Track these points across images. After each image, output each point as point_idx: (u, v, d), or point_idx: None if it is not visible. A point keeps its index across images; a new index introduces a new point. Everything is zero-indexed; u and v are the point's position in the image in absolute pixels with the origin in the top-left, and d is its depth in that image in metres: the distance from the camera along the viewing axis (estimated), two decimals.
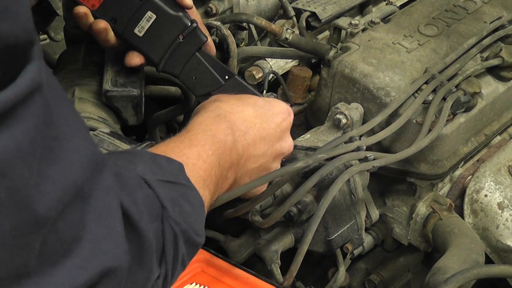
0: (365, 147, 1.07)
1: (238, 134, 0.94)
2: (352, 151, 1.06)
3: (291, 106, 1.36)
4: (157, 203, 0.73)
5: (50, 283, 0.57)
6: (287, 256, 1.07)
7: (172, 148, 0.85)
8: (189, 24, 1.11)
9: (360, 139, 1.10)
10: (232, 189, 0.96)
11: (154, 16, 1.09)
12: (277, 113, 1.01)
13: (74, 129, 0.61)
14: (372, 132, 1.14)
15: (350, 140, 1.08)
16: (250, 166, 0.97)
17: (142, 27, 1.10)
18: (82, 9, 1.10)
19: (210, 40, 1.19)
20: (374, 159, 1.07)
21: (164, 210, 0.73)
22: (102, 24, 1.10)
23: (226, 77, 1.15)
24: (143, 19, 1.09)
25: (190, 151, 0.86)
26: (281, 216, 1.02)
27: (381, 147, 1.21)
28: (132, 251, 0.67)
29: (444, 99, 1.19)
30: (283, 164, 1.04)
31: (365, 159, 1.07)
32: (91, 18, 1.12)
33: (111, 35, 1.12)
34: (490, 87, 1.30)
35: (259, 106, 1.00)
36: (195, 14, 1.17)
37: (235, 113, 0.96)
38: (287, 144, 1.03)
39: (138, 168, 0.75)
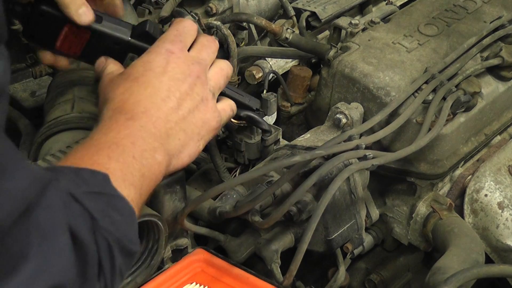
0: (364, 146, 1.07)
1: (140, 114, 0.90)
2: (351, 149, 1.06)
3: (291, 106, 1.36)
4: (86, 215, 0.72)
5: None
6: (287, 256, 1.07)
7: (80, 158, 0.82)
8: None
9: (360, 137, 1.10)
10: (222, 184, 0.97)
11: (136, 55, 1.04)
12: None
13: (14, 153, 0.60)
14: (371, 131, 1.14)
15: (349, 138, 1.08)
16: (186, 126, 0.94)
17: (128, 64, 1.05)
18: (63, 62, 1.05)
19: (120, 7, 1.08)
20: (373, 158, 1.07)
21: (95, 221, 0.72)
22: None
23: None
24: (126, 59, 1.06)
25: (99, 156, 0.82)
26: (281, 216, 1.02)
27: (381, 147, 1.21)
28: (78, 266, 0.66)
29: (444, 98, 1.19)
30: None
31: (364, 158, 1.06)
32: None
33: None
34: (490, 87, 1.30)
35: (160, 66, 0.95)
36: None
37: (125, 100, 0.91)
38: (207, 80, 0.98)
39: (61, 183, 0.73)
